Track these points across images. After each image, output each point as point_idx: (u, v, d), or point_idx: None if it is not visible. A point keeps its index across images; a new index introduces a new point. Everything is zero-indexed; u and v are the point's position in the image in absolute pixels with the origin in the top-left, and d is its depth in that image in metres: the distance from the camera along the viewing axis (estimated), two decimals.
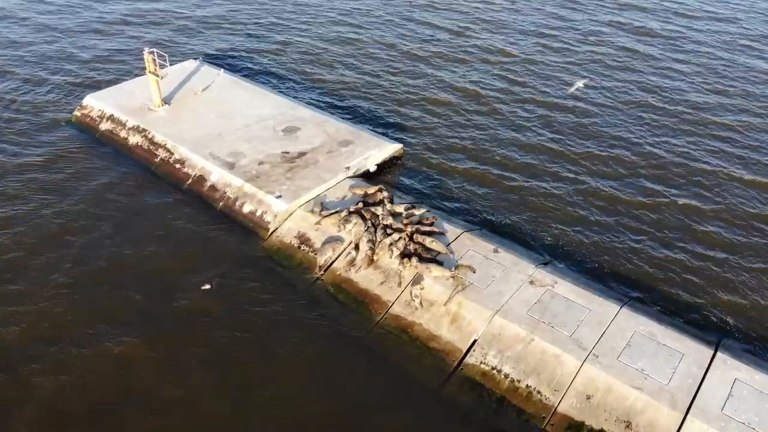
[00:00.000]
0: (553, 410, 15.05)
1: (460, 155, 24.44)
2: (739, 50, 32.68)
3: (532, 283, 17.73)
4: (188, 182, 22.39)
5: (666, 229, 20.77)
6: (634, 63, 31.32)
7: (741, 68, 30.88)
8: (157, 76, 24.01)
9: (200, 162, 22.59)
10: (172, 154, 23.26)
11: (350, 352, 16.68)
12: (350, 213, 19.69)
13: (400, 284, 17.94)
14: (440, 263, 18.16)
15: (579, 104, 27.81)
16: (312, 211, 20.15)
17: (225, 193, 21.63)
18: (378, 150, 23.21)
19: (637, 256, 19.68)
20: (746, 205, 21.78)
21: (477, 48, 32.83)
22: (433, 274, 17.81)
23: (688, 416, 14.26)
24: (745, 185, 22.74)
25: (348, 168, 22.19)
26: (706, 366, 15.37)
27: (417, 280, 17.84)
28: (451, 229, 19.58)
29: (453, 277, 17.66)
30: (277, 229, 20.29)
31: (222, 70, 28.17)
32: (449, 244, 18.94)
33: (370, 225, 19.27)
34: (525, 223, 21.06)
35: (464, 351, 16.42)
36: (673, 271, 19.13)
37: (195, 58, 29.29)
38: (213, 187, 21.92)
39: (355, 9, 37.72)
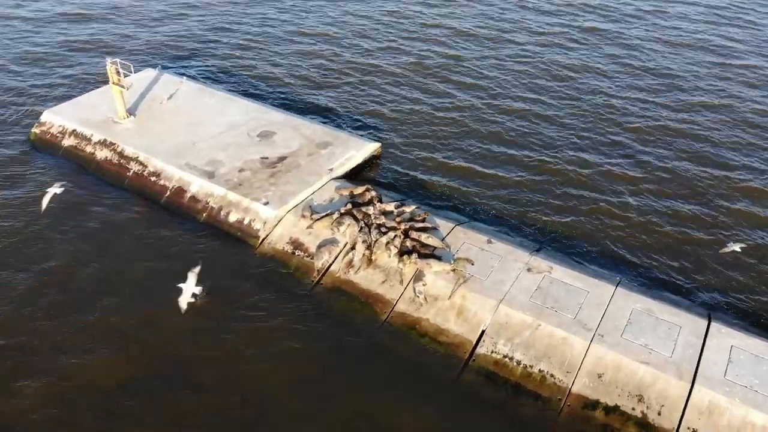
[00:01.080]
0: (567, 391, 15.51)
1: (437, 152, 24.70)
2: None
3: (529, 270, 18.16)
4: (166, 195, 21.71)
5: (645, 213, 21.70)
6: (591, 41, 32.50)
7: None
8: (123, 87, 23.11)
9: (177, 173, 21.94)
10: (146, 166, 22.49)
11: (361, 354, 16.64)
12: (342, 214, 19.58)
13: (401, 282, 18.02)
14: (439, 258, 18.36)
15: (534, 108, 28.63)
16: (303, 216, 19.92)
17: (208, 203, 21.10)
18: (358, 150, 23.17)
19: (619, 239, 20.51)
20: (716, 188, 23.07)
21: (438, 53, 33.26)
22: (434, 269, 17.97)
23: (695, 385, 14.98)
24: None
25: (331, 170, 22.07)
26: (704, 336, 16.19)
27: (418, 276, 17.95)
28: (443, 224, 19.80)
29: (453, 270, 17.87)
30: (267, 236, 19.97)
31: (185, 77, 27.40)
32: (444, 239, 19.14)
33: (363, 225, 19.23)
34: (511, 213, 21.53)
35: (474, 342, 16.68)
36: (656, 251, 20.05)
37: (153, 67, 28.36)
38: (194, 198, 21.34)
39: (302, 18, 37.44)
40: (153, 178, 22.19)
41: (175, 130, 24.06)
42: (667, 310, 16.95)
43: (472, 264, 18.21)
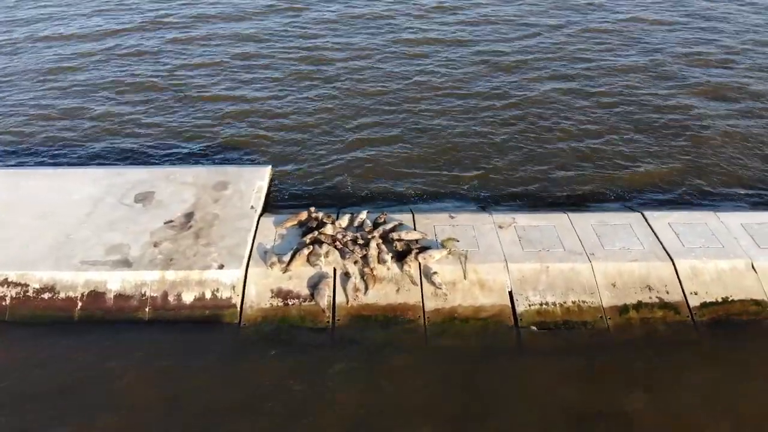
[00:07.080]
0: (601, 308, 17.78)
1: (321, 152, 24.10)
2: None
3: (501, 227, 19.69)
4: (78, 308, 17.10)
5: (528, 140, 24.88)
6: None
7: None
8: None
9: (80, 276, 17.36)
10: (27, 285, 17.22)
11: (428, 365, 16.23)
12: (313, 245, 18.29)
13: (414, 283, 17.89)
14: (428, 248, 18.63)
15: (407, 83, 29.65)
16: (272, 264, 17.91)
17: (144, 295, 17.34)
18: (261, 178, 21.27)
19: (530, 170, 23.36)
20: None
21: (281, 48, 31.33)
22: (435, 258, 18.24)
23: (674, 260, 18.57)
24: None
25: (253, 207, 20.00)
26: (648, 225, 19.97)
27: (426, 271, 18.05)
28: (402, 217, 19.93)
29: (450, 253, 18.43)
30: (244, 300, 17.50)
31: None
32: (416, 229, 19.39)
33: (341, 246, 18.33)
34: (430, 184, 22.57)
35: (510, 305, 17.72)
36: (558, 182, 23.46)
37: None
38: (122, 297, 17.28)
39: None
40: (46, 296, 17.19)
41: (28, 231, 18.71)
42: (612, 216, 20.31)
43: (458, 241, 18.97)
